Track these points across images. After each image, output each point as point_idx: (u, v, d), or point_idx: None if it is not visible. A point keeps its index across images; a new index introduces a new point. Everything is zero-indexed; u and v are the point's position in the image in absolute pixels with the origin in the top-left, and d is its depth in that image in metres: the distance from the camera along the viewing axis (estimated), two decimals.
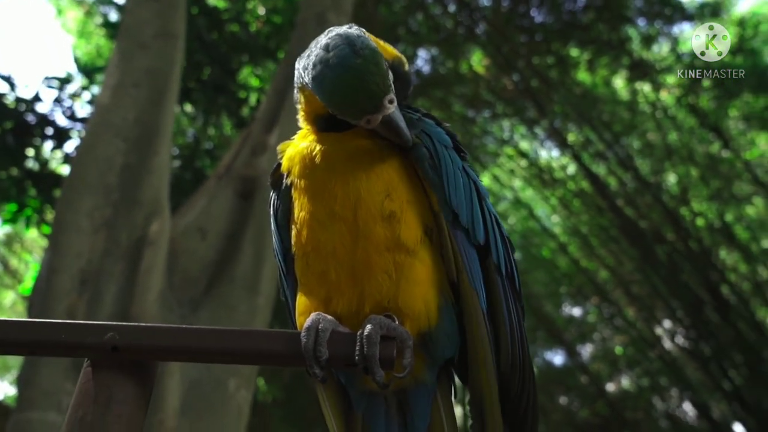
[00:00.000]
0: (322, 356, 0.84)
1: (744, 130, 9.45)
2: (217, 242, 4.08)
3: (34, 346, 0.84)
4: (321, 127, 1.03)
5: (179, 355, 0.85)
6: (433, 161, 0.98)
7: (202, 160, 7.96)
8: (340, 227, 0.95)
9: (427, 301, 0.94)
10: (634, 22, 9.61)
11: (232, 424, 3.44)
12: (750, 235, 9.90)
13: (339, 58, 0.91)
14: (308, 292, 0.98)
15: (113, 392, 0.81)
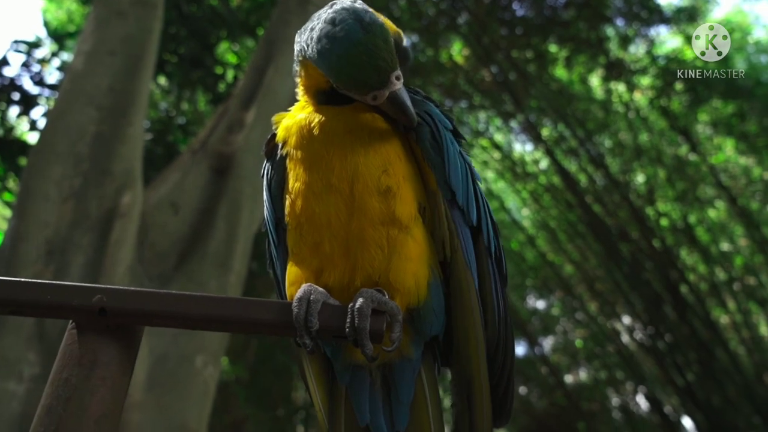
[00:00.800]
0: (313, 327, 0.84)
1: (711, 135, 9.70)
2: (190, 217, 4.02)
3: (18, 305, 0.82)
4: (321, 100, 1.03)
5: (167, 321, 0.84)
6: (435, 141, 0.99)
7: (175, 134, 7.82)
8: (335, 199, 0.96)
9: (417, 278, 0.95)
10: (613, 21, 9.74)
11: (199, 401, 3.42)
12: (710, 238, 10.19)
13: (346, 32, 0.90)
14: (300, 262, 0.98)
15: (98, 355, 0.80)
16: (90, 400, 0.77)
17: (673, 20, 9.33)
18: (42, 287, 0.82)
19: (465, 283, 0.97)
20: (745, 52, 10.36)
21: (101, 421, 0.77)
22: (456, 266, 0.98)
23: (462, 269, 0.97)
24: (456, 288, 0.98)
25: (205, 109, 9.33)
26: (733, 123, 9.33)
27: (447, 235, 0.98)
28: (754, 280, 10.10)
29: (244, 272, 4.02)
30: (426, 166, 1.00)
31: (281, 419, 9.20)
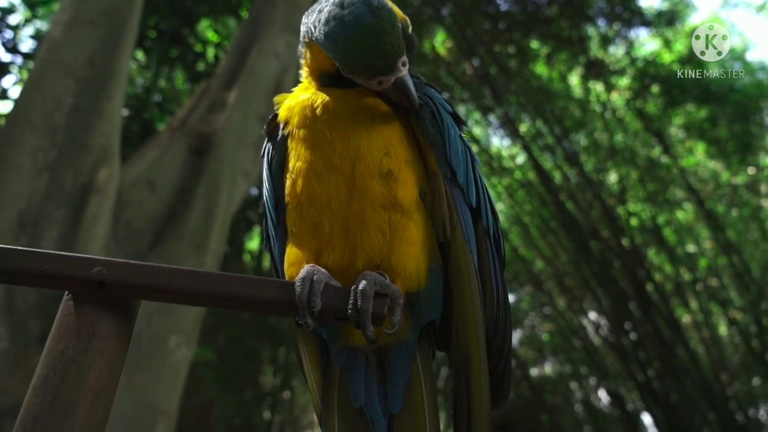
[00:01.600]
0: (316, 307, 0.84)
1: (684, 138, 9.89)
2: (167, 196, 3.97)
3: (14, 273, 0.80)
4: (325, 83, 1.03)
5: (166, 296, 0.83)
6: (435, 120, 1.00)
7: (151, 111, 7.67)
8: (336, 179, 0.96)
9: (418, 262, 0.96)
10: (595, 21, 9.84)
11: (170, 382, 3.39)
12: (677, 239, 10.44)
13: (354, 15, 0.90)
14: (299, 243, 0.98)
15: (95, 328, 0.79)
16: (88, 373, 0.76)
17: (653, 23, 9.47)
18: (40, 256, 0.81)
19: (464, 262, 0.98)
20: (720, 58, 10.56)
21: (99, 393, 0.76)
22: (455, 244, 0.98)
23: (461, 247, 0.98)
24: (455, 267, 0.98)
25: (182, 87, 9.17)
26: (705, 127, 9.54)
27: (446, 214, 0.98)
28: (716, 282, 10.38)
29: (221, 254, 3.98)
30: (426, 145, 1.01)
31: (249, 403, 9.19)
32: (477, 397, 0.96)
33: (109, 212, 3.53)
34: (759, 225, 10.18)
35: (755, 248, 10.21)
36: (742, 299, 9.97)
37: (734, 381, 10.28)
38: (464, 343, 0.97)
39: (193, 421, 8.01)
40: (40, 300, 3.15)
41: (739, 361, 10.26)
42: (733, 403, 9.80)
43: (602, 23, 9.95)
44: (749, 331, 9.96)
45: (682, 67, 9.43)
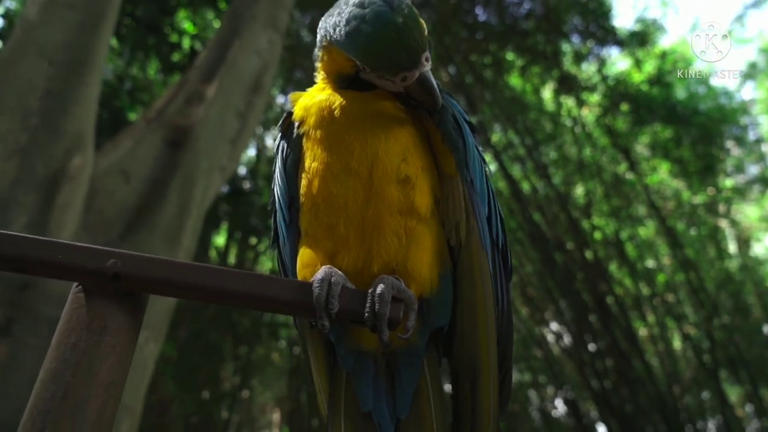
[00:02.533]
0: (333, 309, 0.84)
1: (649, 156, 10.16)
2: (140, 187, 3.88)
3: (25, 262, 0.77)
4: (342, 85, 1.03)
5: (181, 291, 0.82)
6: (456, 124, 1.01)
7: (122, 100, 7.50)
8: (354, 182, 0.95)
9: (431, 268, 0.96)
10: (569, 37, 10.05)
11: (136, 378, 3.31)
12: (638, 254, 10.72)
13: (376, 13, 0.90)
14: (314, 244, 0.97)
15: (107, 321, 0.77)
16: (99, 367, 0.74)
17: (625, 43, 9.72)
18: (54, 246, 0.78)
19: (478, 267, 0.99)
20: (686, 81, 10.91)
21: (110, 389, 0.74)
22: (469, 248, 0.99)
23: (476, 251, 0.99)
24: (467, 272, 0.99)
25: (155, 77, 9.00)
26: (670, 147, 9.83)
27: (463, 218, 0.99)
28: (673, 297, 10.69)
29: (194, 249, 3.91)
30: (445, 149, 1.01)
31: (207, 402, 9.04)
32: (485, 404, 0.96)
33: (81, 200, 3.43)
34: (716, 244, 10.52)
35: (711, 266, 10.55)
36: (696, 315, 10.29)
37: (685, 394, 10.60)
38: (472, 350, 0.98)
39: (149, 419, 7.83)
40: (3, 288, 3.05)
41: (691, 374, 10.58)
42: (683, 415, 10.10)
43: (576, 40, 10.18)
44: (701, 347, 10.28)
45: (650, 87, 9.73)
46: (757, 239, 11.18)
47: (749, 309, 10.05)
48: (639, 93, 9.61)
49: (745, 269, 10.40)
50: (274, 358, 12.11)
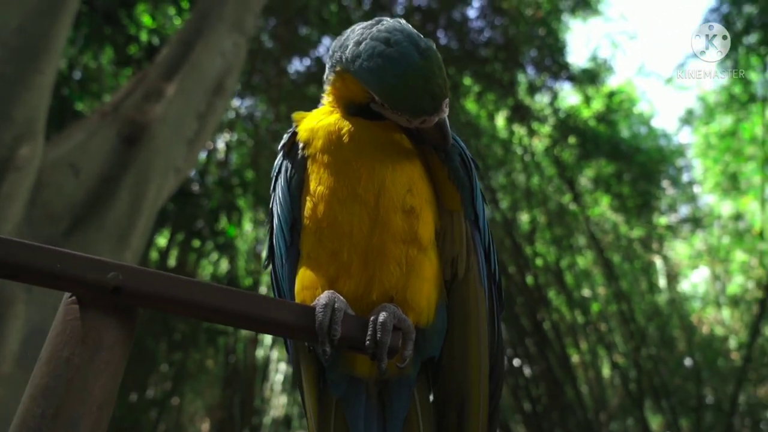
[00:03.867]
0: (336, 335, 0.84)
1: (592, 189, 10.55)
2: (90, 183, 3.73)
3: (18, 269, 0.73)
4: (351, 112, 1.03)
5: (182, 309, 0.79)
6: (464, 163, 1.02)
7: (71, 88, 7.21)
8: (359, 209, 0.95)
9: (429, 299, 0.97)
10: (525, 69, 10.38)
11: None
12: (575, 283, 11.08)
13: (402, 55, 0.90)
14: (315, 267, 0.97)
15: (102, 336, 0.74)
16: (94, 384, 0.71)
17: (577, 79, 10.12)
18: (50, 254, 0.75)
19: (474, 303, 1.00)
20: (630, 120, 11.45)
21: (103, 407, 0.71)
22: (467, 284, 1.01)
23: (474, 288, 1.01)
24: (463, 307, 1.01)
25: (107, 69, 8.70)
26: (612, 182, 10.25)
27: (463, 253, 1.01)
28: (605, 327, 11.08)
29: (142, 251, 3.78)
30: (451, 186, 1.03)
31: (136, 407, 8.70)
32: None
33: (27, 192, 3.26)
34: (647, 278, 11.00)
35: (642, 299, 11.01)
36: (625, 345, 10.69)
37: (611, 421, 10.97)
38: (461, 381, 0.99)
39: None
40: None
41: (617, 402, 10.96)
42: None
43: (531, 71, 10.52)
44: (628, 376, 10.68)
45: (597, 123, 10.14)
46: (685, 276, 11.76)
47: (674, 342, 10.53)
48: (587, 128, 10.00)
49: (672, 304, 10.91)
50: (209, 365, 11.80)
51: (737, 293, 10.34)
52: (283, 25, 9.73)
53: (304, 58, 10.92)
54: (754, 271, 9.89)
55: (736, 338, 10.18)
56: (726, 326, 10.59)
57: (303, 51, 10.74)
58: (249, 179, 10.10)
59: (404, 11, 10.32)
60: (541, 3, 9.63)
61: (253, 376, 11.11)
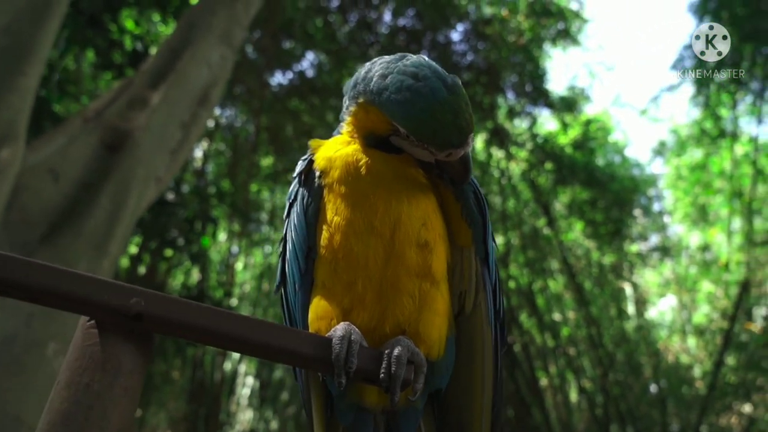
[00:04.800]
0: (352, 367, 0.84)
1: (567, 214, 10.73)
2: (70, 189, 3.66)
3: (38, 292, 0.72)
4: (370, 143, 1.04)
5: (202, 336, 0.79)
6: (478, 201, 1.04)
7: (50, 90, 7.08)
8: (375, 242, 0.96)
9: (440, 333, 0.98)
10: (505, 93, 10.55)
11: (43, 391, 3.07)
12: (546, 306, 11.20)
13: (431, 90, 0.92)
14: (330, 297, 0.97)
15: (122, 362, 0.73)
16: (113, 411, 0.70)
17: (555, 106, 10.33)
18: (73, 277, 0.74)
19: (480, 338, 1.02)
20: (605, 149, 11.70)
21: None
22: (475, 320, 1.03)
23: (481, 324, 1.02)
24: (469, 342, 1.02)
25: (87, 72, 8.59)
26: (586, 209, 10.43)
27: (471, 289, 1.02)
28: (573, 351, 11.20)
29: (119, 259, 3.72)
30: (463, 222, 1.04)
31: None
32: None
33: (5, 196, 3.19)
34: (617, 304, 11.18)
35: (611, 325, 11.18)
36: (593, 370, 10.82)
37: None
38: (464, 412, 1.01)
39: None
40: None
41: (584, 427, 11.06)
42: None
43: (512, 96, 10.70)
44: (595, 401, 10.80)
45: (574, 150, 10.35)
46: (653, 303, 11.99)
47: (641, 368, 10.69)
48: (563, 154, 10.18)
49: (640, 330, 11.10)
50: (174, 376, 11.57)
51: (703, 323, 10.58)
52: (268, 37, 9.75)
53: (287, 71, 10.94)
54: (720, 301, 10.13)
55: (701, 367, 10.39)
56: (691, 355, 10.80)
57: (286, 64, 10.76)
58: (225, 189, 10.01)
59: (389, 30, 10.45)
60: (524, 31, 9.83)
61: (220, 389, 10.93)
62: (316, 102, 10.95)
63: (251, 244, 12.34)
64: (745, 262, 9.61)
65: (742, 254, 9.70)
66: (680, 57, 9.80)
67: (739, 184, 9.76)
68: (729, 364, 9.31)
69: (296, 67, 10.77)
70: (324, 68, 10.80)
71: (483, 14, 9.95)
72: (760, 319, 9.84)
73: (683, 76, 10.11)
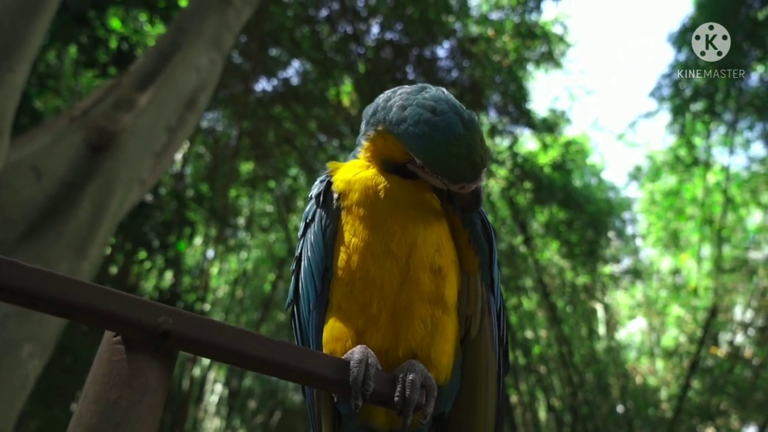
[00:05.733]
0: (369, 390, 0.86)
1: (544, 234, 10.87)
2: (52, 188, 3.60)
3: (72, 308, 0.72)
4: (388, 169, 1.07)
5: (226, 356, 0.80)
6: (486, 230, 1.07)
7: (30, 84, 6.96)
8: (391, 265, 0.99)
9: (449, 358, 1.01)
10: (488, 111, 10.69)
11: (13, 396, 3.00)
12: (519, 324, 11.31)
13: (448, 125, 0.95)
14: (345, 318, 0.99)
15: (149, 379, 0.74)
16: (140, 429, 0.70)
17: (536, 127, 10.49)
18: (105, 294, 0.74)
19: (485, 364, 1.05)
20: (582, 171, 11.91)
21: None
22: (479, 345, 1.05)
23: (485, 349, 1.05)
24: (473, 366, 1.05)
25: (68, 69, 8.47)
26: (562, 229, 10.59)
27: (477, 314, 1.05)
28: (544, 369, 11.31)
29: (99, 262, 3.67)
30: (470, 249, 1.07)
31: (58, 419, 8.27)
32: None
33: None
34: (588, 325, 11.34)
35: (581, 345, 11.33)
36: (563, 389, 10.94)
37: None
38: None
39: None
40: None
41: None
42: None
43: (494, 115, 10.84)
44: (563, 419, 10.91)
45: (552, 171, 10.51)
46: (623, 325, 12.19)
47: (609, 389, 10.85)
48: (542, 174, 10.34)
49: (610, 351, 11.26)
50: None
51: (671, 346, 10.78)
52: (255, 42, 9.73)
53: (272, 78, 10.93)
54: (688, 325, 10.35)
55: (668, 389, 10.58)
56: (659, 377, 10.99)
57: (271, 71, 10.75)
58: (204, 193, 9.93)
59: (376, 43, 10.51)
60: (509, 51, 9.99)
61: (188, 396, 10.77)
62: (299, 110, 10.95)
63: (227, 249, 12.24)
64: (713, 288, 9.84)
65: (711, 280, 9.95)
66: (658, 85, 10.08)
67: (710, 211, 10.02)
68: (695, 387, 9.50)
69: (281, 74, 10.77)
70: (309, 77, 10.82)
71: (470, 32, 10.09)
72: (726, 345, 10.07)
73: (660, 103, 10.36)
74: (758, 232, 10.25)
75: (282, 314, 13.36)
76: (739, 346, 10.02)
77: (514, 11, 9.85)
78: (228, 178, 11.08)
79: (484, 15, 10.02)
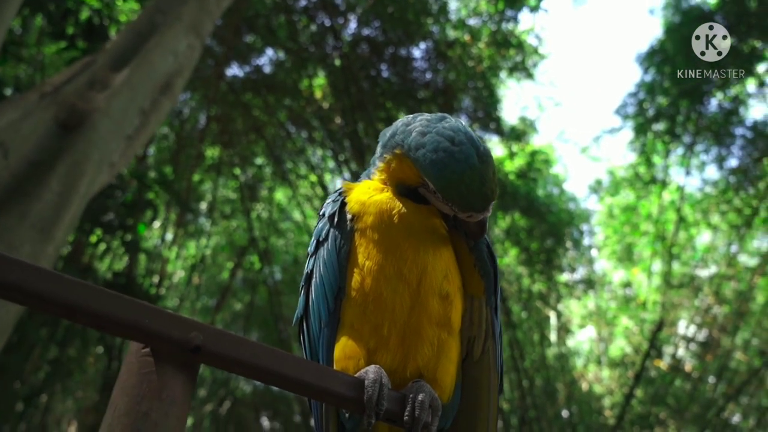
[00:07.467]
0: (382, 409, 0.89)
1: (503, 239, 11.07)
2: (19, 166, 3.49)
3: (107, 320, 0.72)
4: (401, 191, 1.10)
5: (252, 372, 0.82)
6: (491, 256, 1.11)
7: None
8: (403, 289, 1.02)
9: (452, 378, 1.05)
10: (459, 115, 10.81)
11: None
12: None
13: (465, 156, 1.00)
14: (357, 338, 1.02)
15: (176, 392, 0.75)
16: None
17: (505, 134, 10.67)
18: (138, 307, 0.74)
19: (486, 382, 1.09)
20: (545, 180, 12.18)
21: None
22: (481, 366, 1.10)
23: (487, 370, 1.10)
24: (474, 386, 1.09)
25: (33, 37, 8.16)
26: (522, 237, 10.81)
27: (481, 336, 1.10)
28: None
29: (64, 246, 3.57)
30: (476, 273, 1.11)
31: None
32: None
33: None
34: (540, 331, 11.62)
35: (533, 350, 11.60)
36: (512, 393, 11.18)
37: None
38: None
39: None
40: None
41: None
42: None
43: (464, 119, 10.97)
44: (511, 422, 11.15)
45: (517, 179, 10.71)
46: (574, 333, 12.54)
47: (556, 394, 11.15)
48: (507, 181, 10.52)
49: (559, 358, 11.58)
50: (88, 363, 11.06)
51: (618, 356, 11.15)
52: (230, 27, 9.58)
53: (245, 64, 10.78)
54: (635, 337, 10.73)
55: (611, 398, 10.94)
56: (604, 385, 11.36)
57: (245, 57, 10.61)
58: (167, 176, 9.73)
59: (352, 38, 10.49)
60: (484, 58, 10.12)
61: None
62: (270, 99, 10.83)
63: (186, 234, 12.02)
64: (661, 302, 10.23)
65: (659, 295, 10.33)
66: (624, 103, 10.39)
67: (663, 228, 10.40)
68: (637, 396, 9.86)
69: (255, 61, 10.63)
70: (283, 66, 10.71)
71: (446, 36, 10.17)
72: (668, 357, 10.49)
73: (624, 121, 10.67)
74: (706, 252, 10.69)
75: (239, 303, 13.21)
76: (681, 359, 10.46)
77: (491, 19, 9.98)
78: (192, 162, 10.88)
79: (462, 20, 10.12)
